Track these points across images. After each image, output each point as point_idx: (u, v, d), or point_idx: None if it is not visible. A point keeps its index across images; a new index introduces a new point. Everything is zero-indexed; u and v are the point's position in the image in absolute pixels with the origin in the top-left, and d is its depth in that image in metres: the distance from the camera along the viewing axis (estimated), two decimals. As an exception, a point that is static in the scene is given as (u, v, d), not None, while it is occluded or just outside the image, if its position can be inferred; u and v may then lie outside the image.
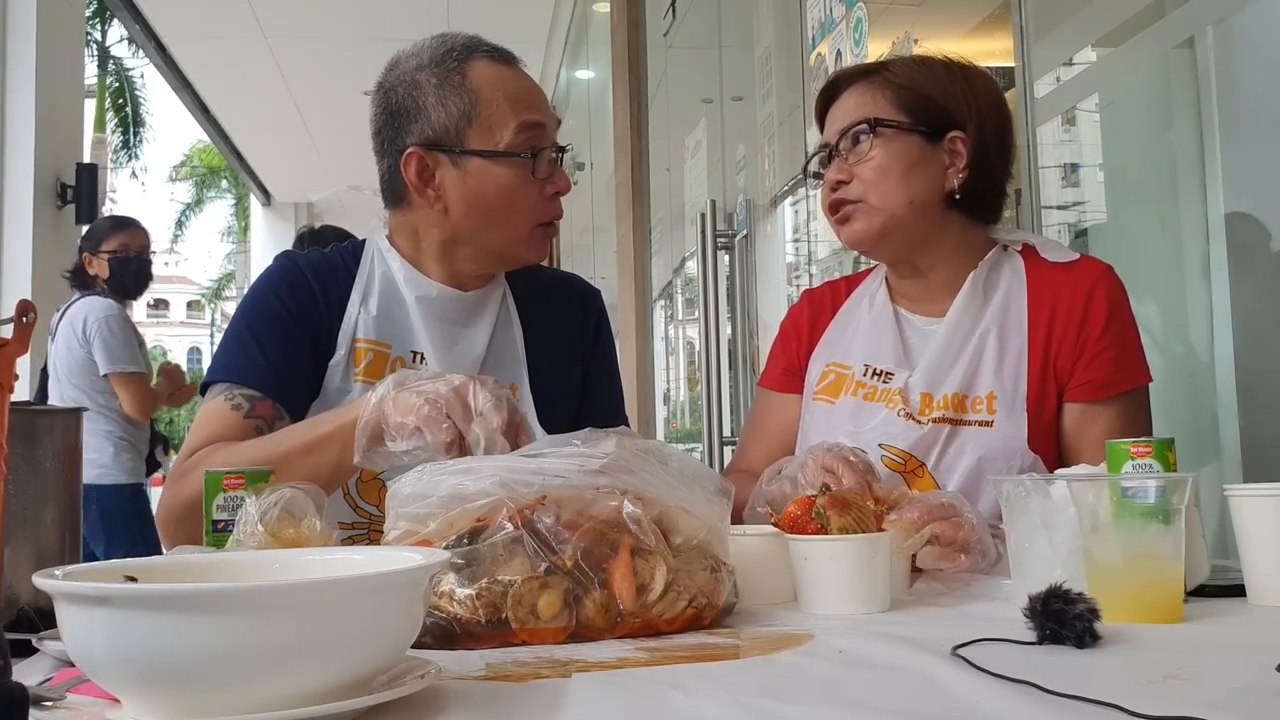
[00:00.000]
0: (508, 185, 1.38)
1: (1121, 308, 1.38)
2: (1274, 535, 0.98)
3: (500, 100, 1.38)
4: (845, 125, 1.43)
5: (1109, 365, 1.35)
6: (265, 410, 1.33)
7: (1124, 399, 1.36)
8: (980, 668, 0.72)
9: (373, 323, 1.41)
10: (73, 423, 1.01)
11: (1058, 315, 1.38)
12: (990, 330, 1.39)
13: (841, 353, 1.50)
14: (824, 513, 1.00)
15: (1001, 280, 1.42)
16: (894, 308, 1.49)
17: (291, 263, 1.46)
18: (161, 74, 7.90)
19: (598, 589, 0.88)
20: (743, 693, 0.69)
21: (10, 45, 4.24)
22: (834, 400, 1.46)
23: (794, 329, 1.59)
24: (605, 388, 1.60)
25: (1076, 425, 1.36)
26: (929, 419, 1.37)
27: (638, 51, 4.92)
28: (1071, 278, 1.39)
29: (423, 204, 1.41)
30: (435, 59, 1.41)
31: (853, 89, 1.46)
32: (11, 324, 0.75)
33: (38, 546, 0.95)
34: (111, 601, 0.60)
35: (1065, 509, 0.97)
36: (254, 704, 0.60)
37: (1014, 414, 1.35)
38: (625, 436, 0.99)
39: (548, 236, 1.45)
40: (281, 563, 0.78)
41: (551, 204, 1.43)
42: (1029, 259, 1.44)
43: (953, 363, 1.39)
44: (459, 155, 1.38)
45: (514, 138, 1.38)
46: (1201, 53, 1.89)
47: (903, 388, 1.39)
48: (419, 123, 1.39)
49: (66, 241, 4.98)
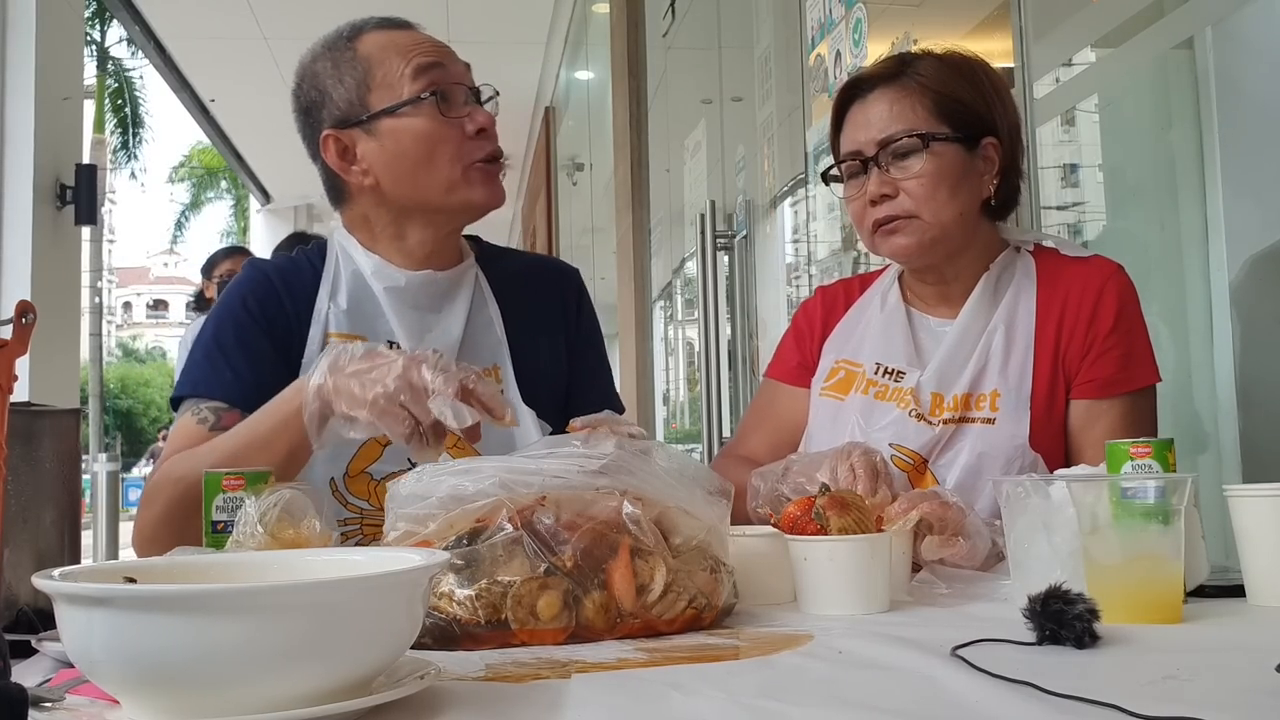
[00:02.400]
0: (422, 132, 1.36)
1: (1131, 307, 1.38)
2: (1273, 535, 0.98)
3: (392, 57, 1.38)
4: (886, 137, 1.39)
5: (1115, 363, 1.35)
6: (231, 421, 1.31)
7: (1130, 398, 1.36)
8: (980, 668, 0.72)
9: (344, 316, 1.40)
10: (72, 424, 1.01)
11: (1067, 311, 1.37)
12: (998, 328, 1.39)
13: (852, 349, 1.49)
14: (823, 513, 1.01)
15: (1013, 280, 1.42)
16: (906, 308, 1.48)
17: (257, 270, 1.47)
18: (161, 74, 7.90)
19: (597, 590, 0.88)
20: (742, 693, 0.69)
21: (9, 46, 4.24)
22: (843, 397, 1.45)
23: (808, 324, 1.58)
24: (593, 367, 1.57)
25: (1081, 422, 1.36)
26: (940, 420, 1.36)
27: (637, 52, 4.92)
28: (1082, 275, 1.39)
29: (357, 186, 1.41)
30: (328, 45, 1.42)
31: (882, 93, 1.41)
32: (11, 325, 0.75)
33: (37, 547, 0.95)
34: (111, 602, 0.60)
35: (1065, 509, 0.97)
36: (254, 704, 0.60)
37: (1018, 411, 1.35)
38: (628, 434, 0.99)
39: (491, 175, 1.41)
40: (281, 563, 0.78)
41: (479, 141, 1.39)
42: (1040, 257, 1.44)
43: (963, 363, 1.39)
44: (368, 122, 1.37)
45: (412, 85, 1.37)
46: (1201, 53, 1.89)
47: (914, 387, 1.39)
48: (326, 108, 1.40)
49: (66, 242, 4.97)
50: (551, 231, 8.01)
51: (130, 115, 17.69)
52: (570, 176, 7.52)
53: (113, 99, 17.60)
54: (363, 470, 1.36)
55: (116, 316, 40.89)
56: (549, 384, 1.48)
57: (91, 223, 4.76)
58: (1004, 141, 1.41)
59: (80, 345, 5.55)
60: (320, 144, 1.40)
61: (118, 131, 17.59)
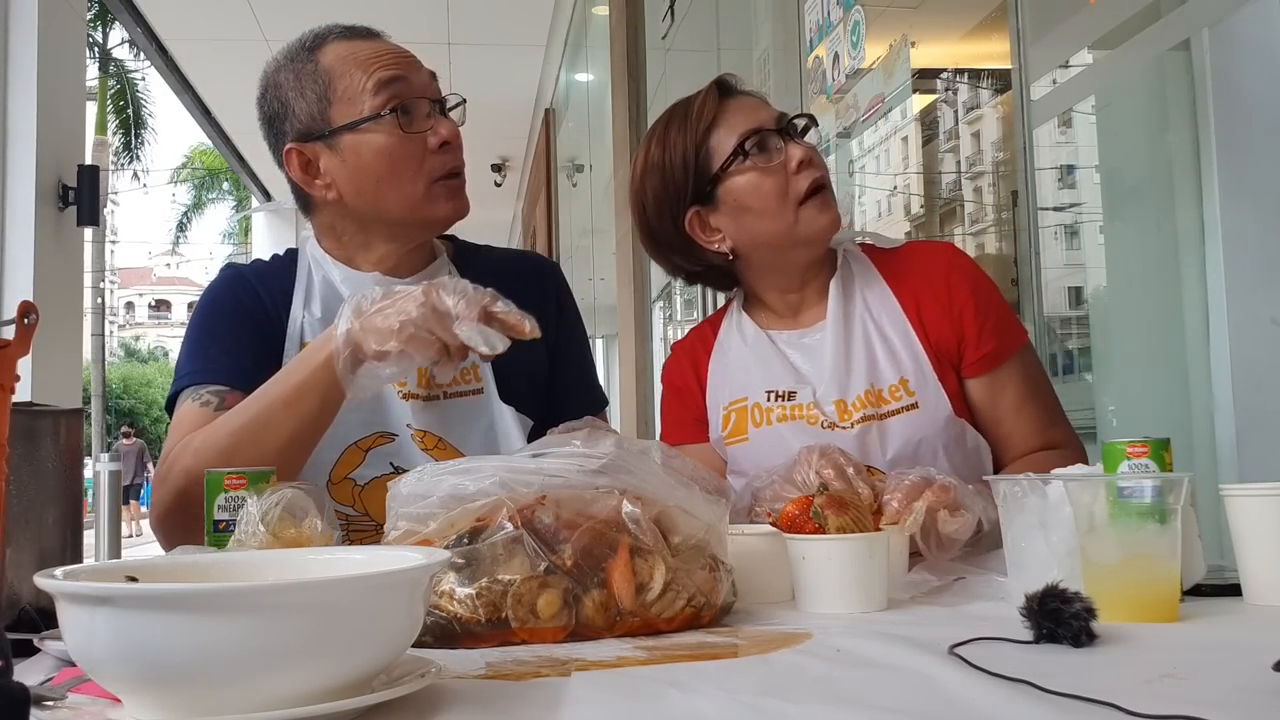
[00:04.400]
0: (383, 148, 1.35)
1: (980, 280, 1.43)
2: (1269, 534, 0.98)
3: (353, 70, 1.37)
4: (782, 113, 1.45)
5: (993, 334, 1.40)
6: (234, 401, 1.30)
7: (1018, 359, 1.41)
8: (977, 666, 0.72)
9: (318, 325, 1.40)
10: (74, 423, 1.01)
11: (923, 299, 1.41)
12: (869, 326, 1.42)
13: (733, 390, 1.48)
14: (821, 512, 1.01)
15: (854, 279, 1.46)
16: (766, 334, 1.49)
17: (234, 270, 1.48)
18: (162, 76, 7.90)
19: (597, 588, 0.88)
20: (741, 691, 0.69)
21: (12, 47, 4.25)
22: (745, 437, 1.45)
23: (682, 380, 1.56)
24: (575, 362, 1.56)
25: (987, 397, 1.40)
26: (851, 421, 1.38)
27: (637, 54, 4.92)
28: (920, 263, 1.44)
29: (322, 199, 1.40)
30: (290, 55, 1.41)
31: (741, 97, 1.48)
32: (13, 326, 0.75)
33: (39, 546, 0.96)
34: (113, 601, 0.60)
35: (1062, 508, 0.97)
36: (254, 704, 0.60)
37: (930, 388, 1.38)
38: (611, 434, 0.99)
39: (453, 191, 1.40)
40: (282, 563, 0.79)
41: (442, 155, 1.39)
42: (870, 254, 1.48)
43: (850, 364, 1.41)
44: (329, 137, 1.36)
45: (373, 100, 1.35)
46: (1197, 55, 1.90)
47: (813, 401, 1.40)
48: (288, 120, 1.39)
49: (68, 243, 4.97)
50: (551, 232, 8.02)
51: (132, 116, 17.71)
52: (570, 178, 7.53)
53: (115, 100, 17.61)
54: (345, 476, 1.35)
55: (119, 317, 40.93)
56: (529, 380, 1.47)
57: (94, 224, 4.77)
58: None
59: (83, 345, 5.55)
60: (284, 156, 1.39)
61: (120, 133, 17.60)
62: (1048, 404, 1.42)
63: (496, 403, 1.41)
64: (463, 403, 1.41)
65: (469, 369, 1.42)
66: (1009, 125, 2.29)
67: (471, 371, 1.42)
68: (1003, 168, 2.72)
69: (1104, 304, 2.19)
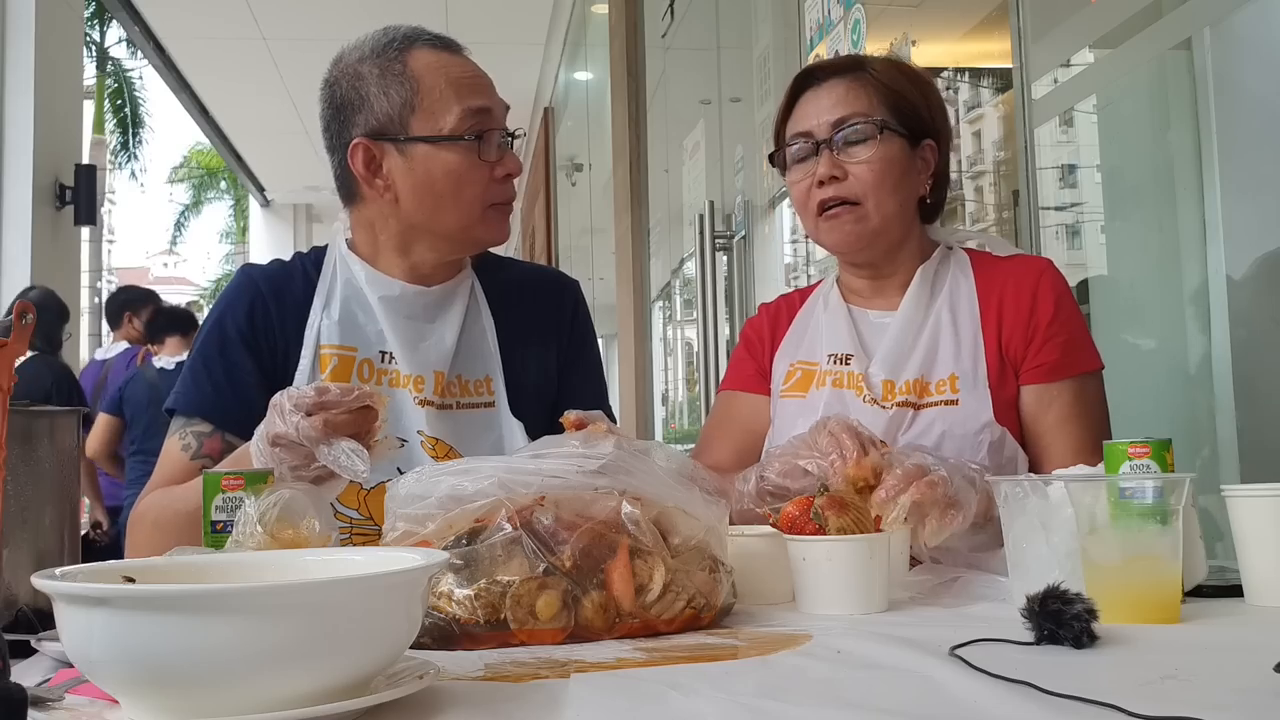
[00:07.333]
0: (454, 169, 1.38)
1: (1066, 298, 1.44)
2: (1271, 535, 0.98)
3: (443, 86, 1.39)
4: (840, 117, 1.43)
5: (1059, 349, 1.40)
6: (213, 447, 1.35)
7: (1077, 382, 1.41)
8: (978, 668, 0.72)
9: (335, 328, 1.41)
10: (71, 424, 1.01)
11: (1006, 306, 1.42)
12: (943, 319, 1.43)
13: (805, 351, 1.52)
14: (822, 513, 1.01)
15: (948, 275, 1.47)
16: (846, 305, 1.52)
17: (248, 279, 1.47)
18: (160, 75, 7.89)
19: (596, 589, 0.88)
20: (741, 693, 0.69)
21: (9, 46, 4.24)
22: (805, 394, 1.48)
23: (756, 336, 1.61)
24: (584, 374, 1.58)
25: (1035, 407, 1.40)
26: (892, 404, 1.40)
27: (636, 53, 4.92)
28: (1017, 271, 1.45)
29: (374, 196, 1.41)
30: (377, 50, 1.41)
31: (838, 81, 1.46)
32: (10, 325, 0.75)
33: (37, 547, 0.96)
34: (110, 602, 0.60)
35: (1063, 509, 0.97)
36: (253, 704, 0.60)
37: (977, 391, 1.39)
38: None
39: (503, 216, 1.45)
40: (280, 563, 0.79)
41: (503, 185, 1.43)
42: (972, 256, 1.50)
43: (910, 350, 1.43)
44: (404, 143, 1.38)
45: (458, 123, 1.38)
46: (1199, 54, 1.89)
47: (864, 373, 1.43)
48: (363, 114, 1.40)
49: (65, 242, 4.98)
50: (550, 232, 8.02)
51: (130, 115, 17.68)
52: (569, 177, 7.53)
53: (112, 99, 17.59)
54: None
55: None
56: (539, 396, 1.50)
57: (91, 223, 4.77)
58: (940, 147, 1.49)
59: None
60: (349, 147, 1.40)
61: (117, 132, 17.58)
62: (1093, 432, 1.39)
63: (507, 416, 1.44)
64: (475, 414, 1.43)
65: (481, 381, 1.44)
66: (1010, 124, 2.29)
67: (484, 384, 1.45)
68: (1004, 167, 2.72)
69: (1105, 304, 2.19)
